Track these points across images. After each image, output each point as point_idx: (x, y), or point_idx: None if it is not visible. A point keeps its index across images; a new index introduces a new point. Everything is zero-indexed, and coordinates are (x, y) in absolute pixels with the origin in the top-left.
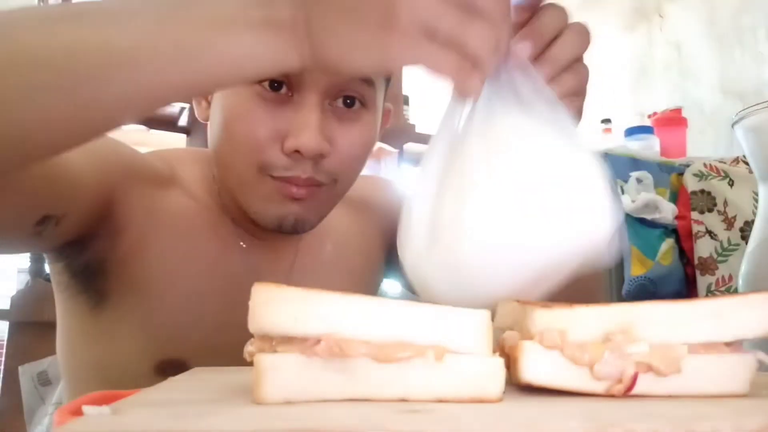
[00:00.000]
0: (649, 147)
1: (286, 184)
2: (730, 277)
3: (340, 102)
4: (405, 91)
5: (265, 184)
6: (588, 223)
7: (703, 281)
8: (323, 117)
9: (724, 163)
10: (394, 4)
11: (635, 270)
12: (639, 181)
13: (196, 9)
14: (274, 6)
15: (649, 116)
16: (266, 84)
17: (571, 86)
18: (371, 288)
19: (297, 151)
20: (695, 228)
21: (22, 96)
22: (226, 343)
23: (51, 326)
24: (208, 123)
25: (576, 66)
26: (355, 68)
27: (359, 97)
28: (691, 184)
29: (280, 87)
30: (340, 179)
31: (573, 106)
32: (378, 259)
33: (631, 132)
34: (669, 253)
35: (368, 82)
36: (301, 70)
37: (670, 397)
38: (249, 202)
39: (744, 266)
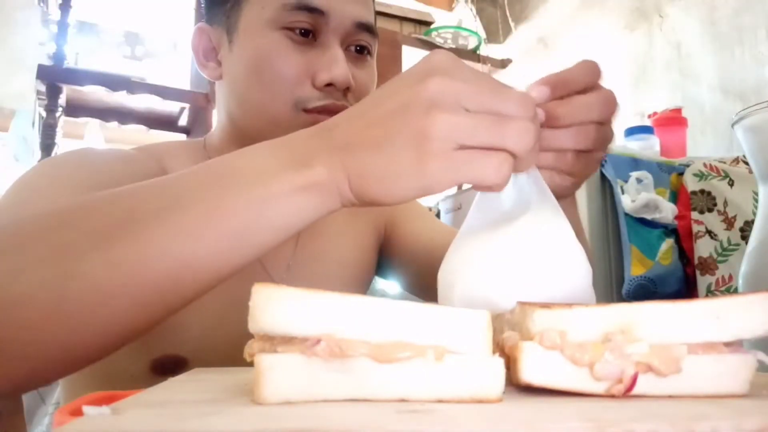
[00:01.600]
0: (649, 147)
1: (320, 115)
2: (730, 277)
3: (352, 49)
4: None
5: (300, 119)
6: (566, 283)
7: (703, 281)
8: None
9: (724, 163)
10: (424, 130)
11: (635, 270)
12: (639, 181)
13: (242, 191)
14: (313, 168)
15: (649, 116)
16: (297, 31)
17: (586, 144)
18: (364, 283)
19: (328, 85)
20: (695, 228)
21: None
22: (225, 339)
23: None
24: (221, 83)
25: (600, 128)
26: (398, 200)
27: (367, 45)
28: (691, 184)
29: (307, 34)
30: None
31: (591, 161)
32: (370, 255)
33: (631, 132)
34: (669, 253)
35: (373, 33)
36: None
37: (670, 397)
38: None
39: (744, 266)
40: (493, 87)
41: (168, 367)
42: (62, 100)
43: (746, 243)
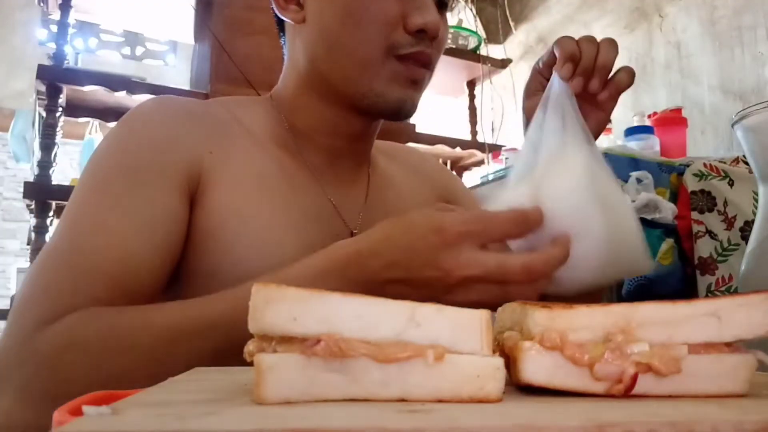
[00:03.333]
0: (649, 147)
1: (410, 65)
2: (730, 277)
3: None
4: None
5: (391, 65)
6: (630, 235)
7: (703, 281)
8: None
9: (724, 163)
10: (441, 286)
11: None
12: (639, 181)
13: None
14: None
15: (649, 116)
16: None
17: (625, 81)
18: None
19: (420, 30)
20: (695, 228)
21: None
22: None
23: None
24: (308, 22)
25: (622, 69)
26: None
27: (447, 1)
28: (691, 184)
29: None
30: (433, 69)
31: (614, 102)
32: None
33: (631, 132)
34: (669, 253)
35: None
36: None
37: (670, 397)
38: (372, 84)
39: (744, 266)
40: (501, 260)
41: None
42: (62, 100)
43: (746, 243)
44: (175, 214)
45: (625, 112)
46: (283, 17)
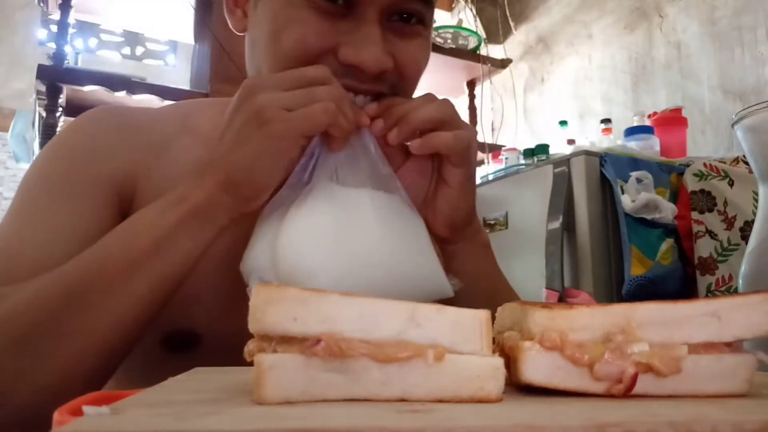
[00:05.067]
0: (649, 147)
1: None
2: (730, 277)
3: (396, 18)
4: None
5: None
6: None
7: (703, 281)
8: (383, 32)
9: (724, 163)
10: (255, 110)
11: (635, 270)
12: (639, 180)
13: (143, 241)
14: (189, 196)
15: (649, 116)
16: None
17: (436, 145)
18: None
19: (354, 66)
20: (695, 228)
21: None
22: (240, 312)
23: None
24: (247, 36)
25: (444, 127)
26: (272, 178)
27: (417, 14)
28: (691, 184)
29: (337, 0)
30: (400, 93)
31: (457, 173)
32: None
33: (631, 132)
34: (669, 253)
35: (429, 3)
36: (233, 219)
37: (670, 397)
38: None
39: (744, 266)
40: (292, 71)
41: (180, 342)
42: (62, 100)
43: (746, 243)
44: (97, 225)
45: (625, 112)
46: (228, 20)
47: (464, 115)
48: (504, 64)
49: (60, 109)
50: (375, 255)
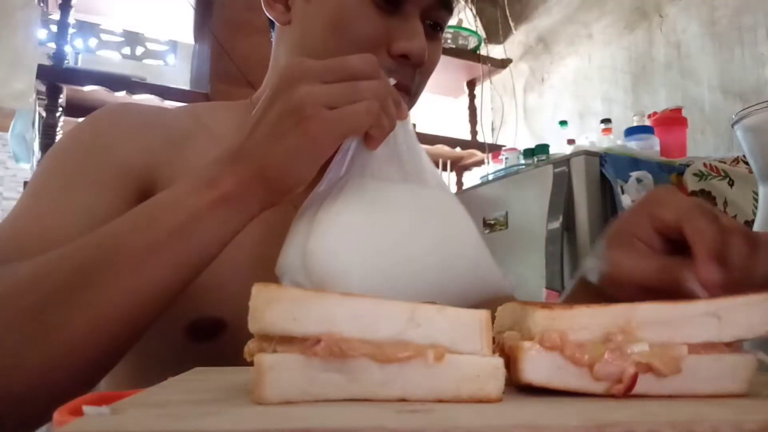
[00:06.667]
0: (649, 147)
1: None
2: None
3: (428, 23)
4: None
5: None
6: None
7: None
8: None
9: (724, 163)
10: (294, 104)
11: None
12: (639, 181)
13: (168, 222)
14: (220, 183)
15: (649, 116)
16: None
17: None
18: None
19: (403, 56)
20: None
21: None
22: None
23: None
24: (293, 26)
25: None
26: (304, 175)
27: (441, 23)
28: (691, 183)
29: (390, 1)
30: (415, 94)
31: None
32: None
33: (631, 132)
34: None
35: (449, 9)
36: (263, 209)
37: (670, 397)
38: None
39: None
40: (338, 60)
41: (205, 330)
42: (62, 100)
43: None
44: (114, 208)
45: (625, 112)
46: (268, 14)
47: (464, 115)
48: (504, 64)
49: (60, 109)
50: (415, 253)
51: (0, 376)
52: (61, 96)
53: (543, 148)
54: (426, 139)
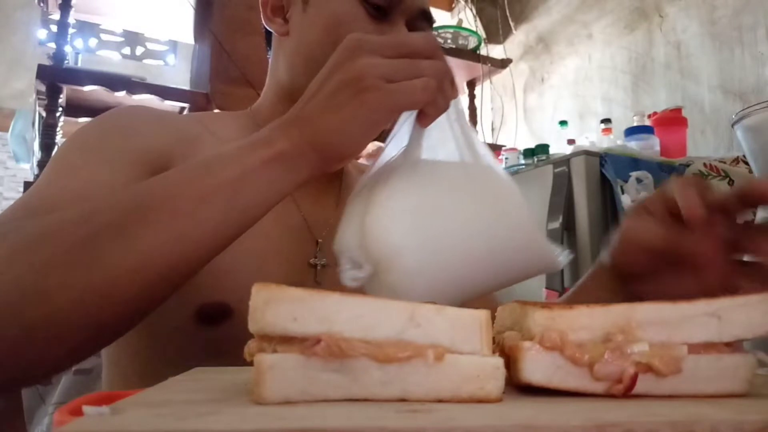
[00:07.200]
0: (649, 147)
1: None
2: None
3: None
4: None
5: None
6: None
7: None
8: None
9: (724, 163)
10: (355, 74)
11: None
12: (639, 181)
13: (224, 173)
14: (276, 142)
15: (649, 116)
16: (371, 5)
17: None
18: None
19: None
20: None
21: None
22: (266, 281)
23: None
24: (291, 36)
25: None
26: (356, 144)
27: (422, 30)
28: None
29: (379, 10)
30: None
31: None
32: None
33: (631, 132)
34: None
35: (429, 21)
36: (312, 175)
37: (670, 397)
38: None
39: None
40: (400, 37)
41: (212, 315)
42: (62, 100)
43: None
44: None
45: (625, 112)
46: (268, 27)
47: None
48: (504, 64)
49: (60, 109)
50: (469, 230)
51: (45, 298)
52: (61, 96)
53: (543, 148)
54: None
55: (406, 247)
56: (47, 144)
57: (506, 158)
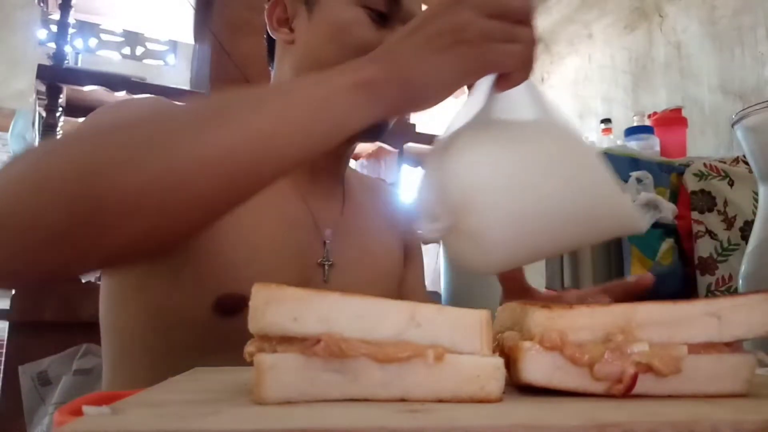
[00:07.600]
0: (649, 147)
1: None
2: (730, 277)
3: None
4: None
5: None
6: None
7: (703, 281)
8: None
9: (724, 163)
10: (457, 24)
11: (635, 270)
12: (639, 180)
13: (311, 88)
14: (366, 68)
15: (649, 116)
16: (373, 12)
17: None
18: (396, 266)
19: None
20: (695, 228)
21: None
22: (281, 276)
23: (51, 326)
24: (297, 44)
25: None
26: (444, 91)
27: None
28: (691, 184)
29: (380, 16)
30: None
31: None
32: (399, 251)
33: (631, 132)
34: (669, 252)
35: None
36: (387, 113)
37: (670, 397)
38: None
39: (744, 266)
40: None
41: (230, 307)
42: (62, 100)
43: (746, 243)
44: None
45: (625, 112)
46: (274, 37)
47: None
48: None
49: (60, 109)
50: (548, 188)
51: (122, 172)
52: (61, 96)
53: None
54: (426, 139)
55: (483, 186)
56: None
57: None
